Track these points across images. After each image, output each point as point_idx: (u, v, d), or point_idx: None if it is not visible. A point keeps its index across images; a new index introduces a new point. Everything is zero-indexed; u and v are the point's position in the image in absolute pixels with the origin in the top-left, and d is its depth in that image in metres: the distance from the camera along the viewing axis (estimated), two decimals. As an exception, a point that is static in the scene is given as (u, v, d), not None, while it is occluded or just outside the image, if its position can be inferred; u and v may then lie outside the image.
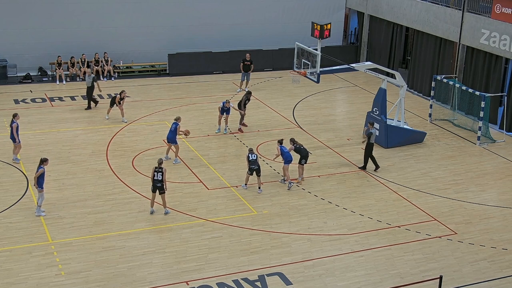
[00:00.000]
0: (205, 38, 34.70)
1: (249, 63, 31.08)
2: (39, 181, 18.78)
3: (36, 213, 18.90)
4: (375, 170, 22.88)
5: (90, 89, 27.58)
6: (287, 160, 21.34)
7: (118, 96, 26.52)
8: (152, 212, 19.32)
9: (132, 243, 17.72)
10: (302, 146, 21.86)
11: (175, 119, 22.81)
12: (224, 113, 25.48)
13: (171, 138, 22.54)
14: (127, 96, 27.36)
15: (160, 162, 19.29)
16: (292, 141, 21.94)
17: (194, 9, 34.39)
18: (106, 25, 32.97)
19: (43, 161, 18.94)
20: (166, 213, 19.29)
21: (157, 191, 19.10)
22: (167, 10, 33.96)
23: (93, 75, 27.84)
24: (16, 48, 31.71)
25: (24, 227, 18.24)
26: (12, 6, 31.33)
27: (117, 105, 26.37)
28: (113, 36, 33.12)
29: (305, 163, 21.74)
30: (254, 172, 20.90)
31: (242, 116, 26.12)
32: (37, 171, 18.80)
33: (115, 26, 33.14)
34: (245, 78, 31.31)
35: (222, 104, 25.33)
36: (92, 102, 27.92)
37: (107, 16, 32.97)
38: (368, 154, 22.92)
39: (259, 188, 21.07)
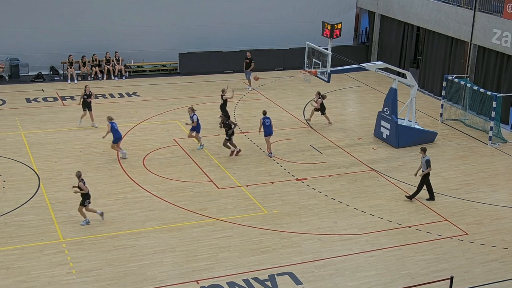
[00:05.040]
0: (215, 38, 34.74)
1: (248, 61, 31.25)
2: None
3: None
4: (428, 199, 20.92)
5: None
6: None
7: (83, 92, 25.27)
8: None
9: (143, 242, 17.78)
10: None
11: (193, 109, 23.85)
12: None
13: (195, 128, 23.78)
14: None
15: None
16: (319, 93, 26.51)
17: (205, 9, 34.43)
18: (117, 25, 33.08)
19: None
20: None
21: None
22: (178, 10, 34.03)
23: None
24: (28, 47, 31.87)
25: (35, 226, 18.34)
26: (24, 6, 31.48)
27: (88, 109, 25.37)
28: (124, 35, 33.22)
29: None
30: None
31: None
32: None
33: (126, 26, 33.23)
34: (247, 76, 31.51)
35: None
36: None
37: (118, 15, 33.07)
38: (426, 182, 20.71)
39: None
